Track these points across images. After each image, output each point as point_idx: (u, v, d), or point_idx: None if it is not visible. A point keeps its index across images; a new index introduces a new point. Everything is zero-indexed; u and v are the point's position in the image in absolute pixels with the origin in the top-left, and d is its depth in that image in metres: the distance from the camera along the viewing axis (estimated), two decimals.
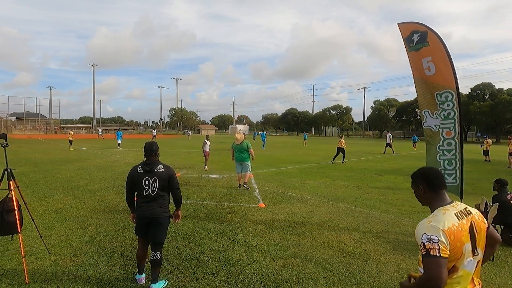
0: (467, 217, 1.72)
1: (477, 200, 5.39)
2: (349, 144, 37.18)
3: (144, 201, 3.39)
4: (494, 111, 47.34)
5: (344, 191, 8.96)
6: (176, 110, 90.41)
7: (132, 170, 3.48)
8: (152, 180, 3.37)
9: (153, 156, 3.48)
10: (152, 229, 3.41)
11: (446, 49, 4.94)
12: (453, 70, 4.92)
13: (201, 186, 9.33)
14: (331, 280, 3.72)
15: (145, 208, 3.38)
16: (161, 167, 3.43)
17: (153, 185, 3.36)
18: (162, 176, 3.40)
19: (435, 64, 5.02)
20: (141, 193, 3.39)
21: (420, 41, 5.18)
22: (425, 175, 1.85)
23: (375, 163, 16.47)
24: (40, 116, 66.25)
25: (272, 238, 5.03)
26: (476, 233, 1.71)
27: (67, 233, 5.09)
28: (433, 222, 1.66)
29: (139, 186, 3.39)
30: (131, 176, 3.46)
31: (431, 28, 5.09)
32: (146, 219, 3.40)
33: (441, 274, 1.55)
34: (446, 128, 5.13)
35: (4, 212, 3.63)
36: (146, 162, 3.45)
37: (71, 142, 23.57)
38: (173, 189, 3.51)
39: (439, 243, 1.58)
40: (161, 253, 3.45)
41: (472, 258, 1.68)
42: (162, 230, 3.44)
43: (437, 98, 5.09)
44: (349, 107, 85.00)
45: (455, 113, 5.01)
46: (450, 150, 5.17)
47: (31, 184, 9.23)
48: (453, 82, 4.93)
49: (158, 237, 3.42)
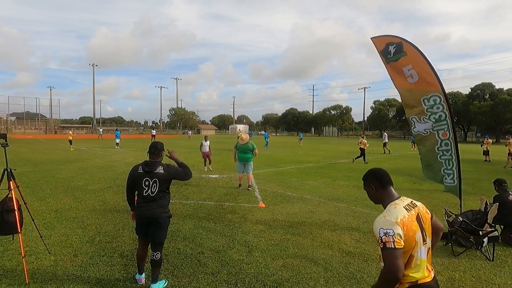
0: (414, 209, 1.88)
1: (477, 200, 5.39)
2: (349, 144, 37.20)
3: (144, 201, 3.38)
4: (494, 111, 47.30)
5: (344, 191, 8.96)
6: (176, 110, 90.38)
7: (133, 170, 3.46)
8: (152, 181, 3.34)
9: (156, 155, 3.47)
10: (152, 229, 3.40)
11: (423, 55, 5.10)
12: (435, 74, 5.04)
13: (201, 186, 9.33)
14: (331, 280, 3.72)
15: (145, 208, 3.36)
16: (161, 169, 3.37)
17: (153, 186, 3.34)
18: (163, 177, 3.36)
19: (416, 71, 5.13)
20: (141, 194, 3.39)
21: (397, 52, 5.29)
22: (376, 173, 2.03)
23: (375, 163, 16.47)
24: (40, 116, 66.28)
25: (272, 238, 5.03)
26: (423, 222, 1.87)
27: (67, 233, 5.09)
28: (387, 217, 1.79)
29: (139, 187, 3.38)
30: (131, 175, 3.45)
31: (405, 39, 5.27)
32: (146, 219, 3.39)
33: (398, 264, 1.68)
34: (441, 130, 5.24)
35: (4, 212, 3.63)
36: (147, 162, 3.42)
37: (71, 142, 23.63)
38: (181, 177, 3.52)
39: (394, 236, 1.70)
40: (161, 253, 3.45)
41: (423, 246, 1.83)
42: (162, 230, 3.43)
43: (424, 103, 5.23)
44: (349, 107, 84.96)
45: (446, 115, 5.13)
46: (447, 151, 5.31)
47: (31, 184, 9.23)
48: (438, 86, 5.03)
49: (158, 237, 3.42)
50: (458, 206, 5.38)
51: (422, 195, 8.36)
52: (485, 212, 4.85)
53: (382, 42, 5.47)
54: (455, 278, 3.81)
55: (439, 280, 3.76)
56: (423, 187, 9.52)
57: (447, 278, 3.81)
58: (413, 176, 11.74)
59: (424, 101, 5.17)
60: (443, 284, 3.68)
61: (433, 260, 4.25)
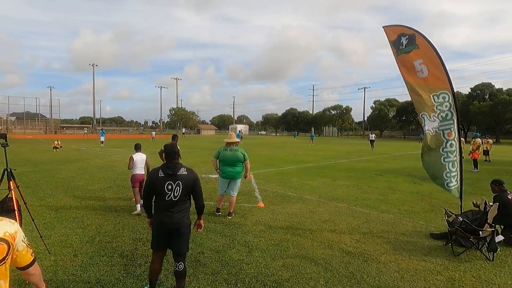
0: None
1: (477, 200, 5.39)
2: (349, 144, 37.21)
3: (165, 207, 3.13)
4: (494, 111, 47.29)
5: (344, 191, 8.96)
6: (176, 110, 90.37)
7: (153, 174, 3.19)
8: (175, 184, 3.11)
9: (176, 159, 3.23)
10: (174, 240, 3.16)
11: (436, 51, 4.91)
12: (446, 71, 4.89)
13: (201, 186, 9.30)
14: (331, 280, 3.72)
15: (167, 216, 3.11)
16: (184, 170, 3.19)
17: (176, 190, 3.11)
18: (186, 179, 3.16)
19: (427, 66, 4.97)
20: (163, 198, 3.11)
21: (409, 44, 5.11)
22: None
23: (375, 163, 16.47)
24: (40, 116, 66.28)
25: (272, 238, 5.03)
26: None
27: (67, 233, 5.10)
28: None
29: (161, 191, 3.10)
30: (152, 180, 3.16)
31: (418, 31, 5.04)
32: (168, 228, 3.13)
33: None
34: (447, 130, 5.06)
35: (4, 212, 3.63)
36: (168, 165, 3.18)
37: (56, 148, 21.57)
38: (196, 194, 3.26)
39: None
40: (184, 264, 3.21)
41: None
42: (184, 240, 3.20)
43: (434, 100, 5.04)
44: (349, 107, 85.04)
45: (452, 114, 4.98)
46: (452, 152, 5.09)
47: (31, 184, 9.23)
48: (448, 83, 4.90)
49: (181, 248, 3.17)
50: (458, 206, 5.37)
51: (422, 195, 8.36)
52: (485, 212, 4.85)
53: (395, 33, 5.26)
54: (455, 278, 3.81)
55: (439, 280, 3.76)
56: (423, 187, 9.52)
57: (447, 278, 3.81)
58: (413, 176, 11.73)
59: (434, 98, 5.00)
60: (443, 284, 3.68)
61: (433, 260, 4.27)
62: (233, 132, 7.02)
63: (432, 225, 5.81)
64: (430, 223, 5.93)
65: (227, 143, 6.24)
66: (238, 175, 6.19)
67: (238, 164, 6.13)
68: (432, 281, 3.74)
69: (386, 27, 5.45)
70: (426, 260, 4.30)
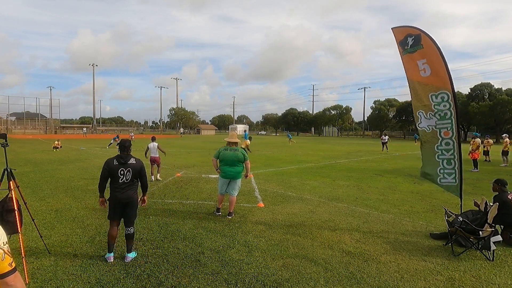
0: None
1: (477, 200, 5.38)
2: (349, 144, 37.22)
3: (119, 187, 4.07)
4: (494, 111, 47.28)
5: (344, 191, 8.96)
6: (176, 110, 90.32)
7: (108, 163, 4.11)
8: (127, 170, 4.09)
9: (127, 151, 4.20)
10: (127, 210, 4.15)
11: (440, 51, 5.02)
12: (448, 71, 4.98)
13: (201, 186, 9.33)
14: (331, 280, 3.72)
15: (121, 193, 4.07)
16: (133, 160, 4.16)
17: (127, 174, 4.09)
18: (135, 167, 4.13)
19: (430, 65, 5.11)
20: (117, 181, 4.06)
21: (415, 44, 5.28)
22: None
23: (375, 163, 16.47)
24: (40, 116, 66.24)
25: (272, 238, 5.04)
26: None
27: (67, 233, 5.09)
28: None
29: (116, 176, 4.06)
30: (108, 167, 4.08)
31: (425, 31, 5.19)
32: (123, 202, 4.09)
33: None
34: (444, 128, 5.19)
35: (4, 212, 3.63)
36: (121, 155, 4.14)
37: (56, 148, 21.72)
38: (142, 177, 4.23)
39: None
40: (133, 228, 4.22)
41: None
42: (134, 210, 4.22)
43: (432, 99, 5.18)
44: (349, 107, 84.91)
45: (451, 113, 5.08)
46: (448, 150, 5.24)
47: (31, 184, 9.23)
48: (449, 83, 4.99)
49: (131, 216, 4.20)
50: (458, 206, 5.37)
51: (422, 195, 8.37)
52: (485, 212, 4.85)
53: (402, 33, 5.44)
54: (455, 278, 3.81)
55: (439, 280, 3.77)
56: (423, 187, 9.52)
57: (447, 278, 3.81)
58: (413, 176, 11.73)
59: (432, 97, 5.13)
60: (443, 284, 3.68)
61: (433, 260, 4.27)
62: (234, 132, 7.04)
63: (432, 225, 5.81)
64: (430, 223, 5.94)
65: (228, 143, 6.26)
66: (238, 175, 6.22)
67: (238, 164, 6.16)
68: (432, 281, 3.74)
69: (394, 28, 5.67)
70: (426, 260, 4.31)
